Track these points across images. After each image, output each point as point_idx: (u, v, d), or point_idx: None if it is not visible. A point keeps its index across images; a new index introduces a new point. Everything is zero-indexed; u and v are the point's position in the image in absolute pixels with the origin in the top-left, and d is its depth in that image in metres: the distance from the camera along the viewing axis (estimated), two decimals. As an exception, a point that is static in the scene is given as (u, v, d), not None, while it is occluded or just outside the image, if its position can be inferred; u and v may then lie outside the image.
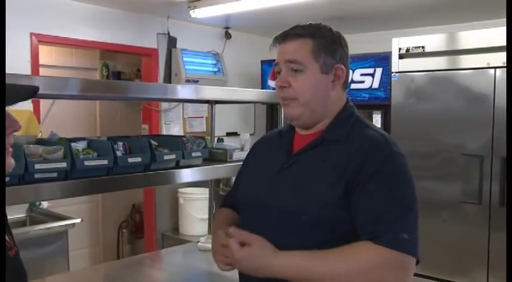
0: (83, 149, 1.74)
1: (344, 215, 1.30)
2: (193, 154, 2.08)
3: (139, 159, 1.83)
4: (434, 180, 3.36)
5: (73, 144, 1.71)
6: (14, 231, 3.09)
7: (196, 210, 4.43)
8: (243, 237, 1.33)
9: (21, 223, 3.45)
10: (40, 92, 1.59)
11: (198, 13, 3.98)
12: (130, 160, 1.80)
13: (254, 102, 1.97)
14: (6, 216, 1.21)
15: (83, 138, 1.86)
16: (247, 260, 1.31)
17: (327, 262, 1.25)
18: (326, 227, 1.32)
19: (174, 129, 4.68)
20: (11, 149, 1.05)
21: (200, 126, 4.90)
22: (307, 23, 1.44)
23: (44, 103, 3.94)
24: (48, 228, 3.21)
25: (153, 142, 1.99)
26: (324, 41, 1.40)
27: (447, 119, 3.33)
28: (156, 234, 4.76)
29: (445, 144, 3.35)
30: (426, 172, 3.37)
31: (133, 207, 5.44)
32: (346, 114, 1.44)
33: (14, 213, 3.49)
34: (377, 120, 4.14)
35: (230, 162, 2.29)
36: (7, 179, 1.48)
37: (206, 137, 2.35)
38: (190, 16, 4.05)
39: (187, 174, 2.02)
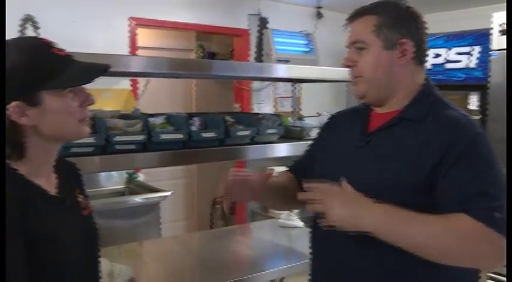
0: (161, 123, 1.85)
1: (423, 198, 1.27)
2: (268, 131, 2.13)
3: (213, 134, 1.92)
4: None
5: (151, 119, 1.83)
6: (114, 199, 3.37)
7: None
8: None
9: (120, 193, 3.73)
10: (137, 70, 1.76)
11: (289, -7, 3.99)
12: (204, 135, 1.89)
13: (345, 81, 1.98)
14: (82, 178, 1.33)
15: (163, 114, 1.98)
16: (340, 207, 1.25)
17: (426, 226, 1.20)
18: None
19: (265, 108, 4.76)
20: (88, 119, 1.16)
21: (291, 106, 4.94)
22: (376, 1, 1.43)
23: (141, 82, 4.19)
24: (144, 198, 3.43)
25: (229, 118, 2.06)
26: (388, 16, 1.37)
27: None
28: (247, 211, 4.91)
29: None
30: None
31: (227, 184, 5.62)
32: (424, 93, 1.40)
33: (115, 184, 3.78)
34: (473, 101, 3.91)
35: (307, 139, 2.30)
36: (90, 149, 1.63)
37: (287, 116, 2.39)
38: (281, -4, 4.08)
39: (261, 150, 2.08)
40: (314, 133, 2.32)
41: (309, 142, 2.21)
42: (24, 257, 0.99)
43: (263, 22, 4.49)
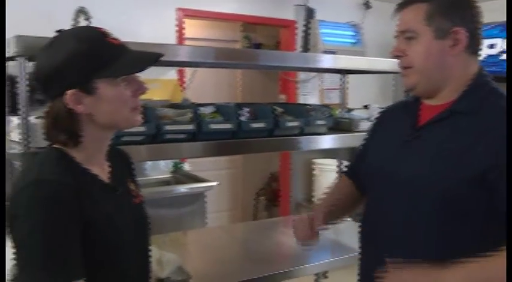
0: (210, 113, 1.85)
1: (475, 193, 1.23)
2: (317, 122, 2.10)
3: (262, 125, 1.90)
4: None
5: (201, 109, 1.83)
6: (160, 189, 3.41)
7: (331, 182, 4.44)
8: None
9: (166, 183, 3.78)
10: (184, 60, 1.77)
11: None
12: (253, 125, 1.88)
13: (393, 73, 1.93)
14: (133, 167, 1.34)
15: (213, 104, 1.98)
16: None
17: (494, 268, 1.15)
18: (452, 210, 1.25)
19: (311, 100, 4.72)
20: (140, 108, 1.18)
21: (337, 98, 4.87)
22: None
23: (188, 73, 4.22)
24: (189, 188, 3.45)
25: (278, 109, 2.05)
26: (440, 3, 1.31)
27: None
28: (291, 203, 4.90)
29: None
30: None
31: (271, 176, 5.63)
32: (477, 83, 1.34)
33: (161, 173, 3.82)
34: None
35: (356, 131, 2.27)
36: (141, 137, 1.65)
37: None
38: (328, -14, 4.02)
39: (310, 142, 2.05)
40: (363, 125, 2.28)
41: (357, 134, 2.20)
42: (80, 240, 1.02)
43: (310, 13, 4.45)
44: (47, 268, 0.97)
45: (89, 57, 1.06)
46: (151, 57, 1.16)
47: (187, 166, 3.90)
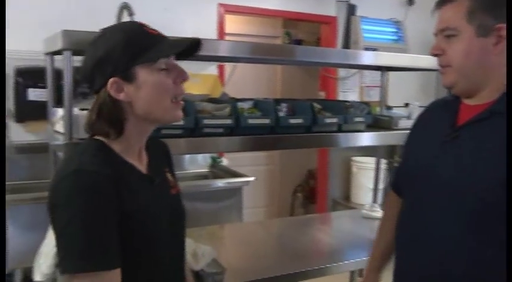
0: (248, 108, 1.86)
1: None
2: (356, 119, 2.08)
3: (300, 121, 1.90)
4: None
5: (239, 104, 1.85)
6: (198, 182, 3.46)
7: (369, 180, 4.38)
8: None
9: (204, 177, 3.82)
10: (224, 55, 1.80)
11: (379, -22, 3.87)
12: (291, 121, 1.89)
13: (434, 70, 1.90)
14: (171, 158, 1.36)
15: (251, 99, 1.99)
16: None
17: None
18: (490, 211, 1.22)
19: (351, 97, 4.67)
20: (182, 102, 1.19)
21: (377, 96, 4.81)
22: None
23: (227, 68, 4.25)
24: (227, 183, 3.48)
25: (316, 105, 2.04)
26: None
27: None
28: (328, 200, 4.88)
29: None
30: None
31: (308, 173, 5.62)
32: None
33: (199, 167, 3.88)
34: None
35: (395, 129, 2.24)
36: (180, 131, 1.68)
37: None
38: (371, -18, 3.97)
39: (347, 139, 2.04)
40: (403, 123, 2.25)
41: (396, 132, 2.17)
42: (117, 230, 1.04)
43: (351, 9, 4.40)
44: (86, 257, 0.99)
45: (127, 45, 1.08)
46: (188, 41, 1.17)
47: (225, 161, 3.93)
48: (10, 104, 3.31)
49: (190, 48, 1.20)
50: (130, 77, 1.09)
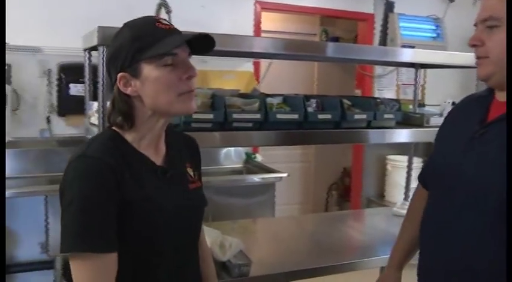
0: (278, 104, 1.89)
1: None
2: (386, 116, 2.07)
3: (328, 116, 1.92)
4: None
5: (269, 99, 1.88)
6: (232, 177, 3.51)
7: (403, 178, 4.32)
8: None
9: (238, 172, 3.88)
10: (259, 51, 1.83)
11: (417, -25, 3.83)
12: (320, 116, 1.90)
13: (474, 67, 1.88)
14: (198, 153, 1.40)
15: (281, 95, 2.02)
16: None
17: None
18: None
19: (387, 95, 4.63)
20: (195, 95, 1.21)
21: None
22: None
23: (263, 65, 4.29)
24: (260, 178, 3.52)
25: (346, 102, 2.05)
26: None
27: None
28: (362, 198, 4.86)
29: None
30: None
31: (344, 171, 5.61)
32: None
33: (234, 163, 3.94)
34: None
35: (427, 127, 2.22)
36: (209, 125, 1.72)
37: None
38: (408, -21, 3.93)
39: (376, 135, 2.03)
40: (434, 121, 2.22)
41: (428, 129, 2.15)
42: (116, 216, 1.08)
43: (389, 6, 4.37)
44: (81, 238, 1.04)
45: (133, 41, 1.12)
46: (194, 34, 1.15)
47: (259, 157, 3.98)
48: (54, 99, 3.46)
49: (206, 44, 1.21)
50: (136, 72, 1.13)
